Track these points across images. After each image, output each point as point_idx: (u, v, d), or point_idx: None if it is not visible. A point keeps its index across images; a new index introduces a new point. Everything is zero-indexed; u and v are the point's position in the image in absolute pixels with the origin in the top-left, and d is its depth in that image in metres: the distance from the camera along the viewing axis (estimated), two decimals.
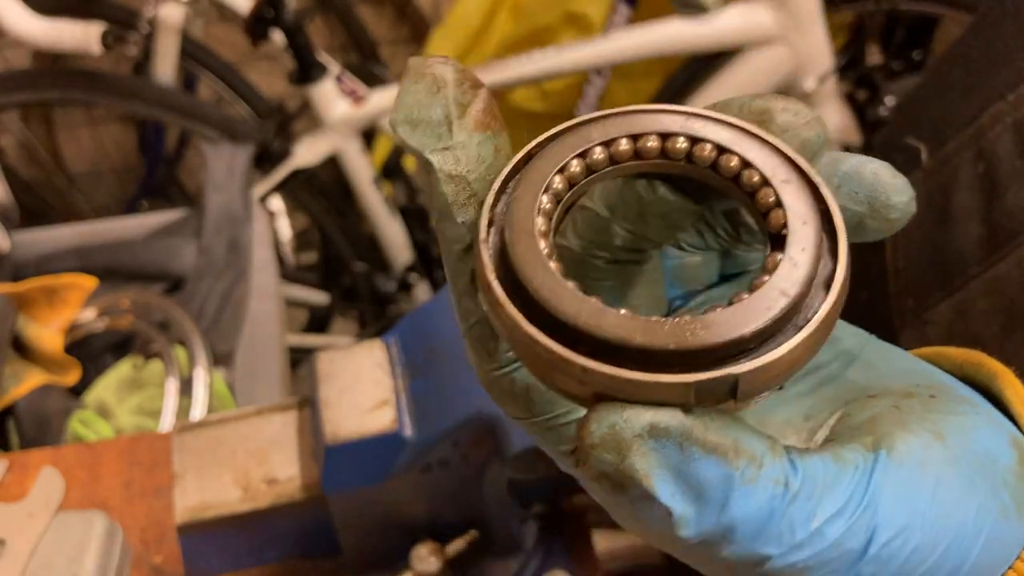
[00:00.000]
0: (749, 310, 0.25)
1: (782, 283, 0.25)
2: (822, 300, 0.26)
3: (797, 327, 0.26)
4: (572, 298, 0.26)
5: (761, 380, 0.25)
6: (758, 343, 0.25)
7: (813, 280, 0.26)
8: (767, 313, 0.25)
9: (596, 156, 0.29)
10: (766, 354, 0.25)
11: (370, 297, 1.93)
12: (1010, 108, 0.52)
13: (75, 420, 1.03)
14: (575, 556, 0.66)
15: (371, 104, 1.71)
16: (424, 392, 0.60)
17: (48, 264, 1.26)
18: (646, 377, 0.24)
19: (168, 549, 0.66)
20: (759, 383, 0.25)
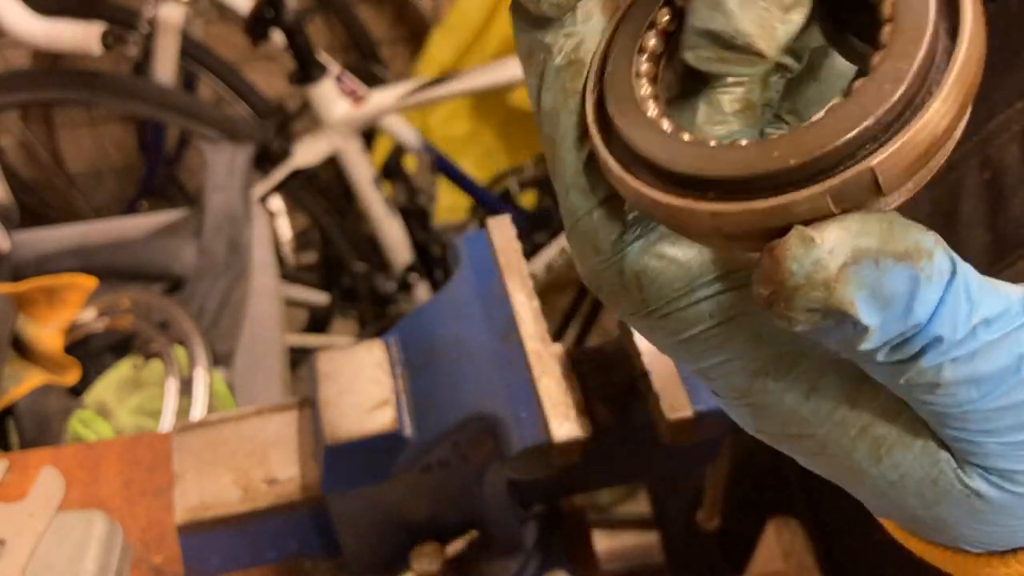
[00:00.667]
0: (867, 98, 0.23)
1: (898, 61, 0.23)
2: (951, 59, 0.23)
3: (928, 96, 0.23)
4: (682, 148, 0.25)
5: (901, 166, 0.23)
6: (888, 129, 0.23)
7: (936, 47, 0.23)
8: (889, 93, 0.23)
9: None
10: (898, 134, 0.23)
11: (370, 297, 1.93)
12: (1018, 116, 0.52)
13: (75, 420, 1.04)
14: (575, 556, 0.66)
15: (371, 104, 1.71)
16: (424, 392, 0.60)
17: (48, 264, 1.26)
18: (780, 200, 0.23)
19: (168, 549, 0.66)
20: (900, 170, 0.23)
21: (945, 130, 0.23)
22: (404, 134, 1.83)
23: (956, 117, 0.23)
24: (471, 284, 0.63)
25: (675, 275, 0.29)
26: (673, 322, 0.29)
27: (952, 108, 0.23)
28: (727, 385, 0.29)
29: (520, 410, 0.57)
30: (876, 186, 0.23)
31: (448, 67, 2.08)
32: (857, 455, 0.27)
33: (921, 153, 0.23)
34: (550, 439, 0.55)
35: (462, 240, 0.66)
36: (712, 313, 0.28)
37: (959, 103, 0.23)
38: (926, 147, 0.23)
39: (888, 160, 0.23)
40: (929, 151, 0.23)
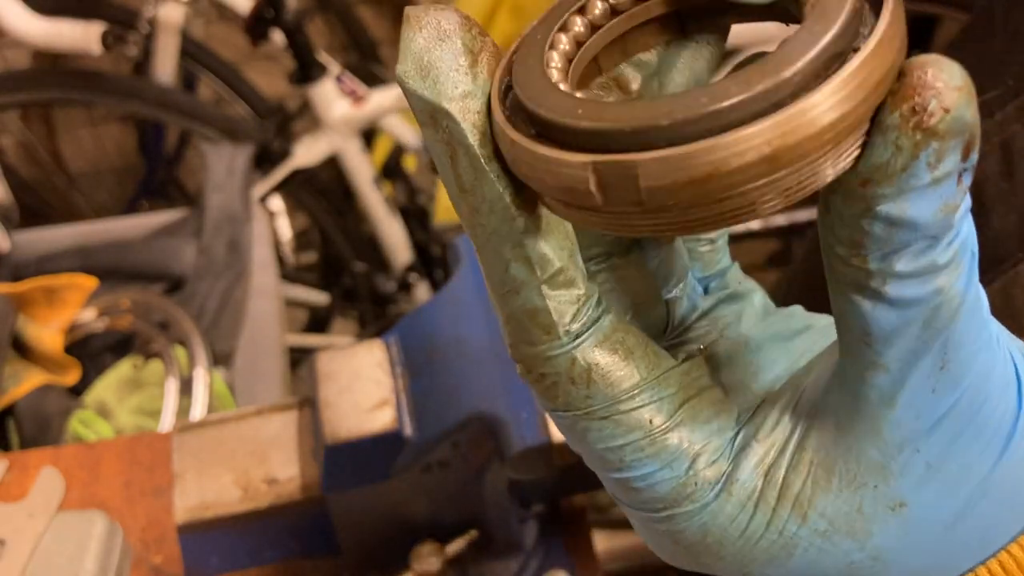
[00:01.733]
0: (789, 48, 0.22)
1: (816, 24, 0.22)
2: (871, 32, 0.22)
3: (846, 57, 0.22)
4: (595, 107, 0.23)
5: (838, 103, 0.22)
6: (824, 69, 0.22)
7: (855, 22, 0.22)
8: (812, 44, 0.22)
9: (596, 11, 0.26)
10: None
11: (370, 297, 1.93)
12: (996, 128, 0.51)
13: (75, 420, 1.03)
14: (575, 556, 0.66)
15: (371, 104, 1.71)
16: (424, 392, 0.60)
17: (48, 264, 1.26)
18: (715, 142, 0.21)
19: (168, 549, 0.66)
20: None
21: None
22: (404, 134, 1.83)
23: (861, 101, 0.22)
24: (471, 284, 0.63)
25: (626, 374, 0.27)
26: (611, 425, 0.27)
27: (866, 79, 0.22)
28: (648, 498, 0.28)
29: (520, 410, 0.57)
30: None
31: None
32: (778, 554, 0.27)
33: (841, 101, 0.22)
34: (550, 439, 0.55)
35: (462, 240, 0.66)
36: (653, 419, 0.27)
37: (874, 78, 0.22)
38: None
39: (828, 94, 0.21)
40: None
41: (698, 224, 0.23)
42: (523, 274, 0.26)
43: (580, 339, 0.27)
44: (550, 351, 0.27)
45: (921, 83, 0.22)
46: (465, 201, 0.26)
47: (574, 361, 0.27)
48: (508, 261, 0.26)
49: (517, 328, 0.27)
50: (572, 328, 0.27)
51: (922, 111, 0.22)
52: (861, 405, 0.26)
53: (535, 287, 0.26)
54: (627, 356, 0.27)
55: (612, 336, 0.27)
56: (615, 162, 0.22)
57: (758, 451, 0.27)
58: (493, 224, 0.26)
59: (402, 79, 0.25)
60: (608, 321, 0.27)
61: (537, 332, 0.27)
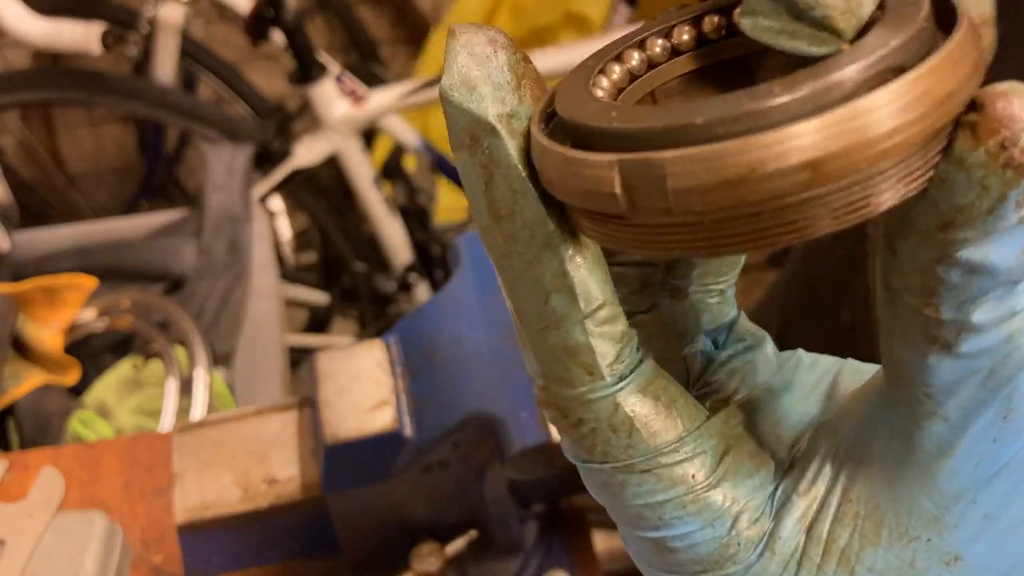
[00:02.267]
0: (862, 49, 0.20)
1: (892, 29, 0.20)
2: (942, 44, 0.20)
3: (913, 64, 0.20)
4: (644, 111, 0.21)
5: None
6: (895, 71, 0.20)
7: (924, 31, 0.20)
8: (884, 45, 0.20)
9: (656, 47, 0.25)
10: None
11: (370, 297, 1.93)
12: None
13: (75, 420, 1.03)
14: (575, 556, 0.66)
15: (371, 104, 1.71)
16: (424, 392, 0.60)
17: (48, 264, 1.26)
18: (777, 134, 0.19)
19: (168, 549, 0.66)
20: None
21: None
22: (404, 134, 1.83)
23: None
24: (471, 284, 0.63)
25: (669, 425, 0.25)
26: (653, 479, 0.25)
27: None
28: (686, 559, 0.26)
29: (520, 410, 0.57)
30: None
31: None
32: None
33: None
34: (550, 439, 0.55)
35: (462, 240, 0.66)
36: (696, 474, 0.25)
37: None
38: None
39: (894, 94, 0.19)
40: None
41: (733, 241, 0.21)
42: (565, 307, 0.24)
43: (623, 382, 0.25)
44: (591, 393, 0.25)
45: (1007, 115, 0.20)
46: (501, 229, 0.24)
47: (617, 407, 0.25)
48: (549, 293, 0.24)
49: (554, 367, 0.25)
50: (616, 369, 0.25)
51: (1012, 146, 0.20)
52: (915, 455, 0.24)
53: (578, 322, 0.24)
54: (670, 405, 0.25)
55: (655, 382, 0.25)
56: (640, 160, 0.20)
57: (800, 505, 0.26)
58: (533, 252, 0.24)
59: (447, 93, 0.24)
60: (650, 367, 0.26)
61: (578, 372, 0.25)
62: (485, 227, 0.25)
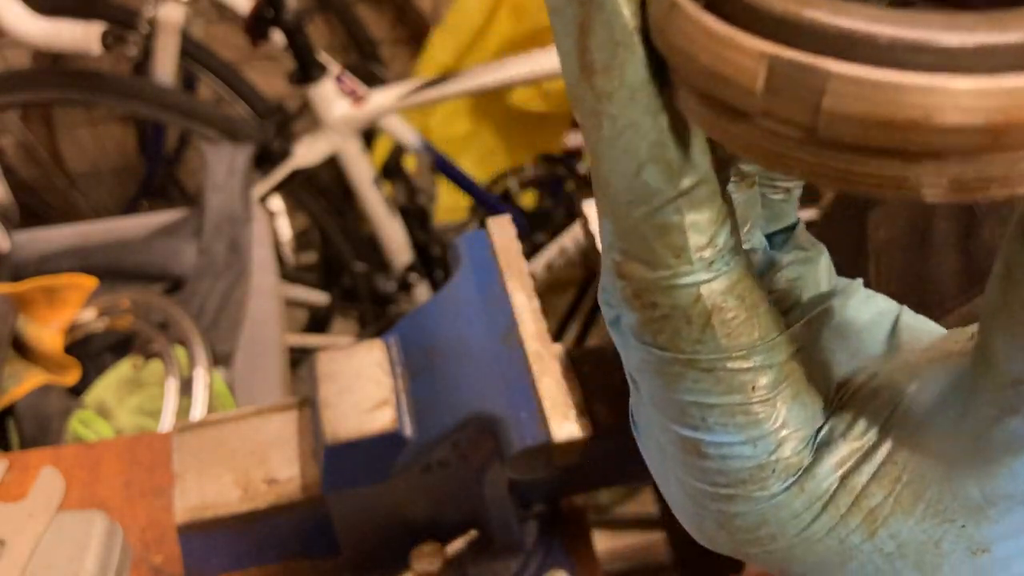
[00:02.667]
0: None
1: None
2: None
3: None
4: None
5: None
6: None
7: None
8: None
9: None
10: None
11: (370, 297, 1.93)
12: None
13: (75, 420, 1.03)
14: (575, 556, 0.66)
15: (371, 104, 1.71)
16: (424, 392, 0.60)
17: (48, 264, 1.26)
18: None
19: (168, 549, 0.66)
20: None
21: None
22: (404, 134, 1.83)
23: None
24: (471, 284, 0.63)
25: (745, 329, 0.23)
26: (712, 380, 0.24)
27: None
28: (714, 469, 0.25)
29: (520, 410, 0.56)
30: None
31: (448, 67, 2.08)
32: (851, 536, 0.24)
33: None
34: (550, 439, 0.55)
35: (462, 240, 0.66)
36: (756, 386, 0.24)
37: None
38: None
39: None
40: None
41: (868, 182, 0.18)
42: (659, 182, 0.22)
43: (711, 272, 0.23)
44: (675, 279, 0.23)
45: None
46: (593, 85, 0.21)
47: (698, 298, 0.23)
48: (643, 164, 0.21)
49: (637, 245, 0.22)
50: (705, 255, 0.22)
51: None
52: (982, 444, 0.22)
53: (671, 199, 0.22)
54: (752, 308, 0.23)
55: (742, 280, 0.23)
56: (800, 63, 0.17)
57: (842, 450, 0.24)
58: (630, 116, 0.21)
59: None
60: (740, 261, 0.23)
61: (664, 253, 0.22)
62: (574, 80, 0.22)
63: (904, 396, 0.25)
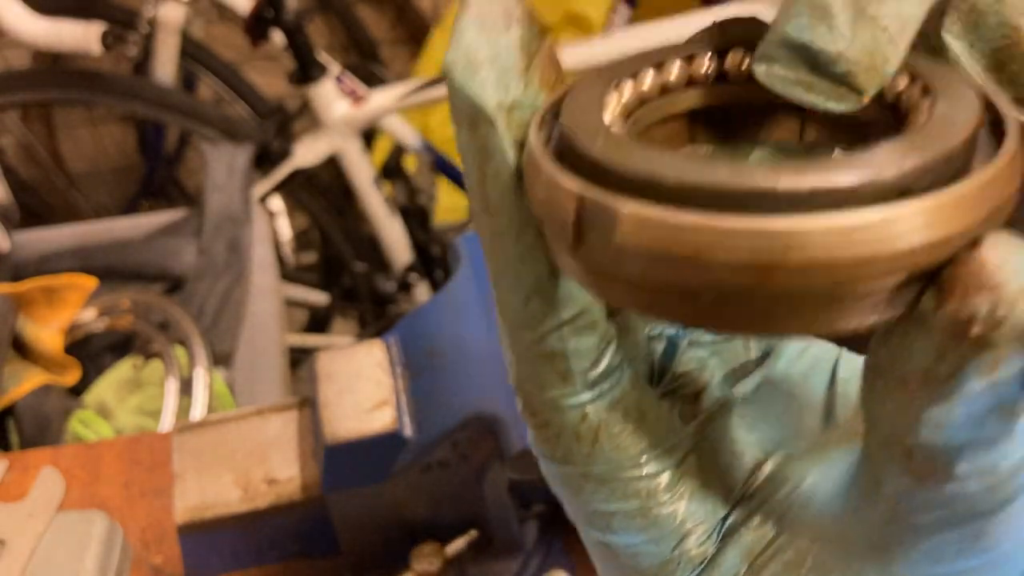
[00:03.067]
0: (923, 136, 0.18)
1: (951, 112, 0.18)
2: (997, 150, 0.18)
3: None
4: (670, 158, 0.18)
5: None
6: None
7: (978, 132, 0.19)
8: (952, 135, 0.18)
9: (672, 75, 0.23)
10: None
11: (370, 297, 1.93)
12: None
13: (75, 420, 1.04)
14: (575, 556, 0.66)
15: (371, 104, 1.71)
16: (424, 392, 0.60)
17: (48, 264, 1.26)
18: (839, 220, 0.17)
19: (168, 549, 0.66)
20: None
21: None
22: (404, 134, 1.83)
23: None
24: (471, 284, 0.63)
25: (634, 440, 0.24)
26: (607, 490, 0.25)
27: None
28: (625, 564, 0.26)
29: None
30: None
31: None
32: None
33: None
34: None
35: (462, 240, 0.66)
36: (651, 491, 0.25)
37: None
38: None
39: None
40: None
41: (672, 313, 0.19)
42: (544, 311, 0.23)
43: (595, 392, 0.24)
44: (562, 399, 0.24)
45: (975, 279, 0.17)
46: (488, 222, 0.23)
47: (584, 417, 0.24)
48: (529, 295, 0.23)
49: (528, 369, 0.24)
50: (590, 376, 0.24)
51: (969, 319, 0.17)
52: (876, 536, 0.22)
53: (555, 327, 0.23)
54: (639, 419, 0.24)
55: (628, 396, 0.24)
56: (598, 201, 0.19)
57: (747, 538, 0.25)
58: (517, 251, 0.23)
59: (449, 70, 0.22)
60: (627, 378, 0.24)
61: (551, 377, 0.24)
62: (475, 215, 0.24)
63: (807, 482, 0.25)
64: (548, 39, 0.23)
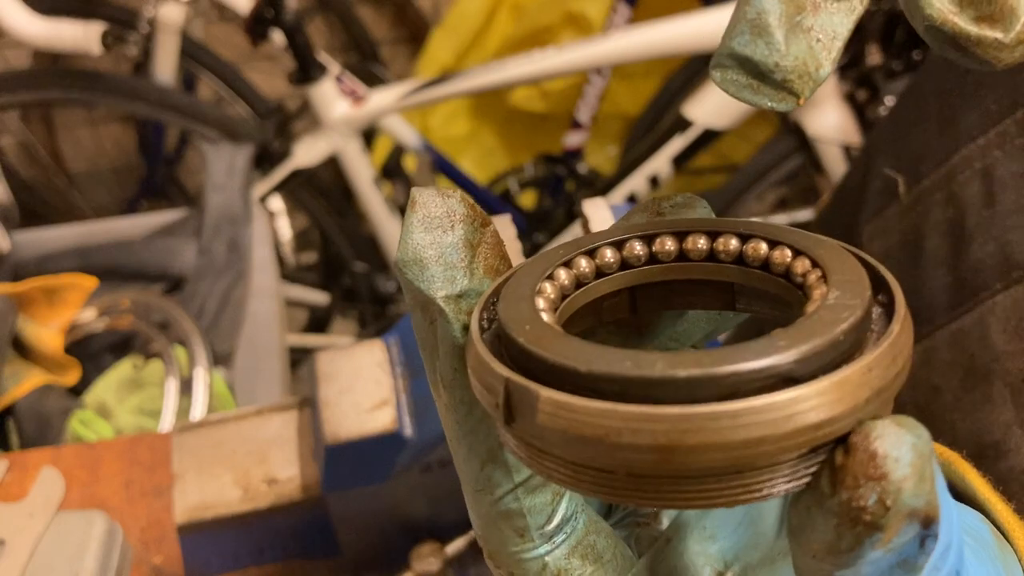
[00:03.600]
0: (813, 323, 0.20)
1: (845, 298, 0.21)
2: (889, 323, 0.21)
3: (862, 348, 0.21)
4: (589, 350, 0.21)
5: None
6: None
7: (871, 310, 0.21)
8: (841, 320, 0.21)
9: (606, 259, 0.26)
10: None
11: (370, 297, 1.93)
12: (979, 153, 0.49)
13: (75, 420, 1.03)
14: None
15: (371, 104, 1.71)
16: (424, 392, 0.60)
17: (48, 264, 1.26)
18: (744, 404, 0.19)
19: (168, 549, 0.66)
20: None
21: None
22: (404, 134, 1.83)
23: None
24: None
25: (601, 572, 0.26)
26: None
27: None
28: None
29: None
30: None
31: (448, 67, 2.09)
32: None
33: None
34: None
35: None
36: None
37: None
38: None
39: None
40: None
41: (593, 489, 0.21)
42: (498, 476, 0.26)
43: (552, 544, 0.26)
44: (522, 553, 0.26)
45: (863, 469, 0.19)
46: (442, 395, 0.26)
47: (544, 566, 0.26)
48: (484, 462, 0.26)
49: (489, 528, 0.27)
50: (546, 530, 0.26)
51: (860, 505, 0.19)
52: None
53: (509, 491, 0.26)
54: (596, 560, 0.26)
55: (584, 540, 0.26)
56: (522, 386, 0.21)
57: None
58: (469, 424, 0.26)
59: (400, 268, 0.25)
60: (582, 523, 0.26)
61: (510, 534, 0.26)
62: (432, 387, 0.26)
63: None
64: (490, 228, 0.26)
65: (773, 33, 0.22)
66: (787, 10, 0.22)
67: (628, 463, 0.20)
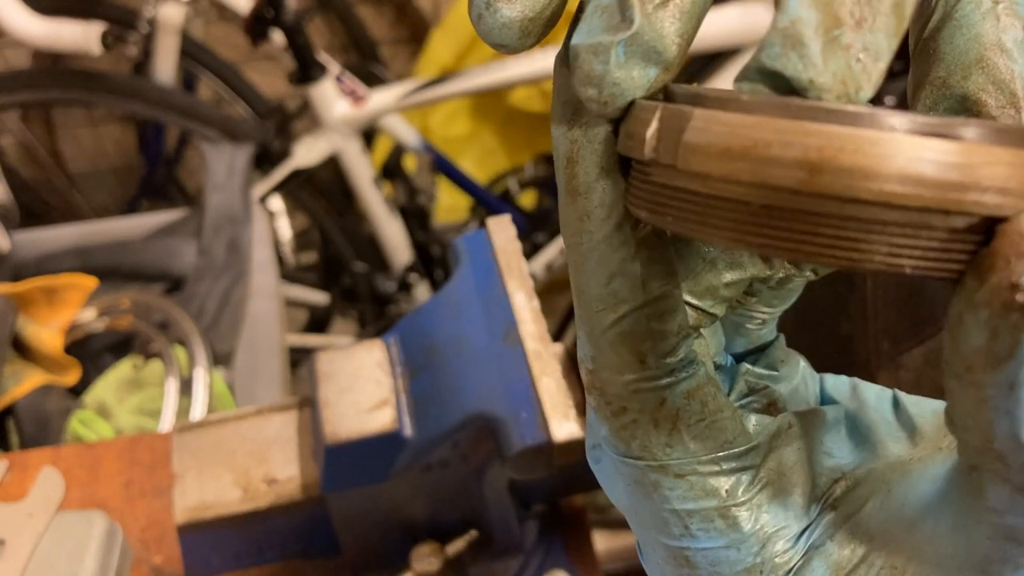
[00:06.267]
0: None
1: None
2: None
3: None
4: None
5: None
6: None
7: None
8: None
9: None
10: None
11: (370, 297, 1.93)
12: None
13: (75, 420, 1.03)
14: (575, 556, 0.66)
15: (371, 104, 1.71)
16: (424, 392, 0.60)
17: (48, 264, 1.26)
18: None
19: (168, 549, 0.66)
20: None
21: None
22: (404, 134, 1.83)
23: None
24: (471, 284, 0.63)
25: (714, 431, 0.24)
26: (685, 486, 0.24)
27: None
28: (719, 574, 0.25)
29: (520, 410, 0.57)
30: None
31: (448, 67, 2.08)
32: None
33: None
34: (550, 439, 0.55)
35: (462, 240, 0.66)
36: (732, 489, 0.24)
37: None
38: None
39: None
40: None
41: (718, 227, 0.20)
42: (626, 292, 0.23)
43: (675, 377, 0.24)
44: (640, 383, 0.24)
45: (1015, 248, 0.17)
46: (575, 205, 0.23)
47: (663, 402, 0.24)
48: (613, 275, 0.23)
49: (606, 351, 0.24)
50: (669, 361, 0.24)
51: (1013, 287, 0.17)
52: (980, 554, 0.21)
53: (637, 308, 0.23)
54: (717, 412, 0.24)
55: (707, 385, 0.24)
56: (676, 110, 0.20)
57: (835, 554, 0.24)
58: (604, 232, 0.23)
59: (576, 52, 0.23)
60: (702, 370, 0.24)
61: (630, 359, 0.24)
62: (562, 203, 0.24)
63: (893, 499, 0.24)
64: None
65: (808, 44, 0.19)
66: (824, 21, 0.19)
67: (769, 187, 0.18)
